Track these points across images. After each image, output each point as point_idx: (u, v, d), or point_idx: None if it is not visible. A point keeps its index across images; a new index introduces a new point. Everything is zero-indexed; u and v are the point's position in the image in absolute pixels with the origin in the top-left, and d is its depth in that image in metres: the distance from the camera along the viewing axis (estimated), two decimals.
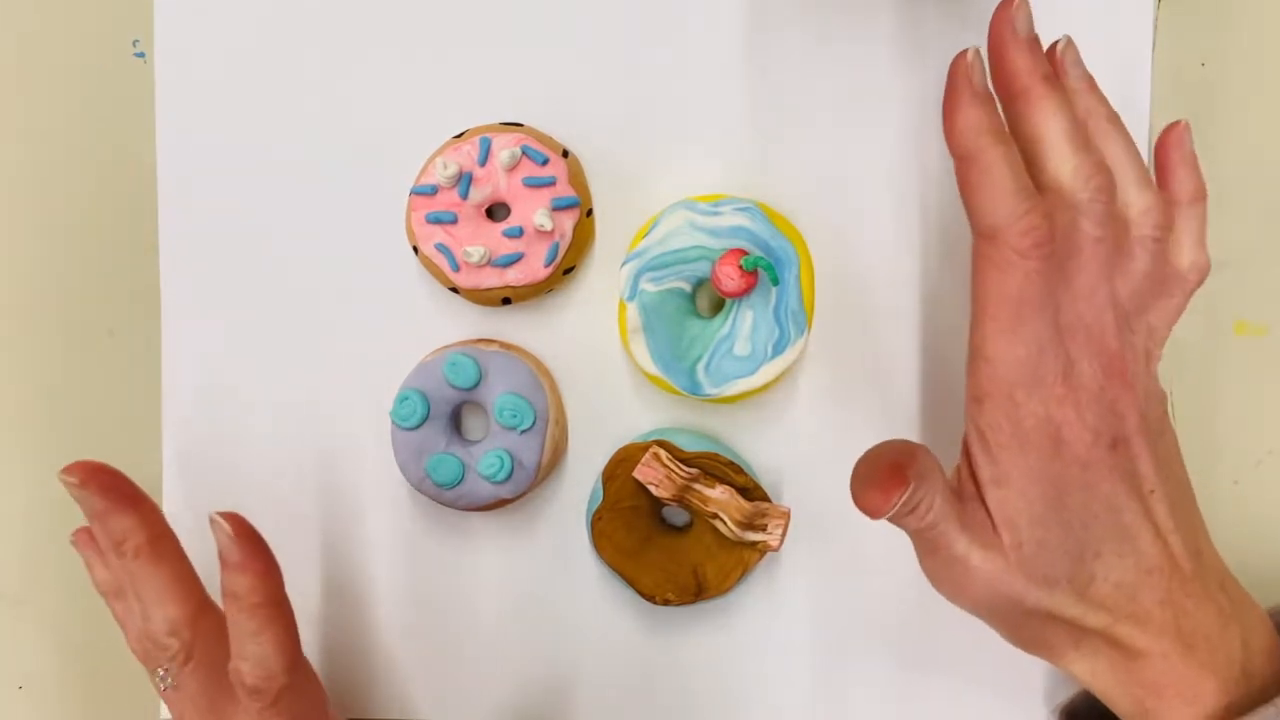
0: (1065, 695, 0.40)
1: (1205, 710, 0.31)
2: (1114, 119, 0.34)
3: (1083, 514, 0.31)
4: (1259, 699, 0.31)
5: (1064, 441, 0.31)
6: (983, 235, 0.31)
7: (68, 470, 0.37)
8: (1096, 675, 0.33)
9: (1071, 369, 0.31)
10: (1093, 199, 0.31)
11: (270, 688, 0.35)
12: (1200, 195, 0.34)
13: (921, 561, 0.33)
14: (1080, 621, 0.31)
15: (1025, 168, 0.31)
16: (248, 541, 0.36)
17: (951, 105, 0.32)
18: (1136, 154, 0.34)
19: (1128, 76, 0.41)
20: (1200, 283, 0.34)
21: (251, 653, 0.35)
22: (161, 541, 0.38)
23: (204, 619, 0.38)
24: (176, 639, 0.37)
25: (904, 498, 0.30)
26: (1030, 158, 0.32)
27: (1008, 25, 0.33)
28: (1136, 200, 0.33)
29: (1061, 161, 0.32)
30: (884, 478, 0.30)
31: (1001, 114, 0.33)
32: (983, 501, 0.32)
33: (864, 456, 0.32)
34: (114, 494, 0.37)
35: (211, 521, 0.36)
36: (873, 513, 0.31)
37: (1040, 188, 0.32)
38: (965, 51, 0.32)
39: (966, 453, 0.33)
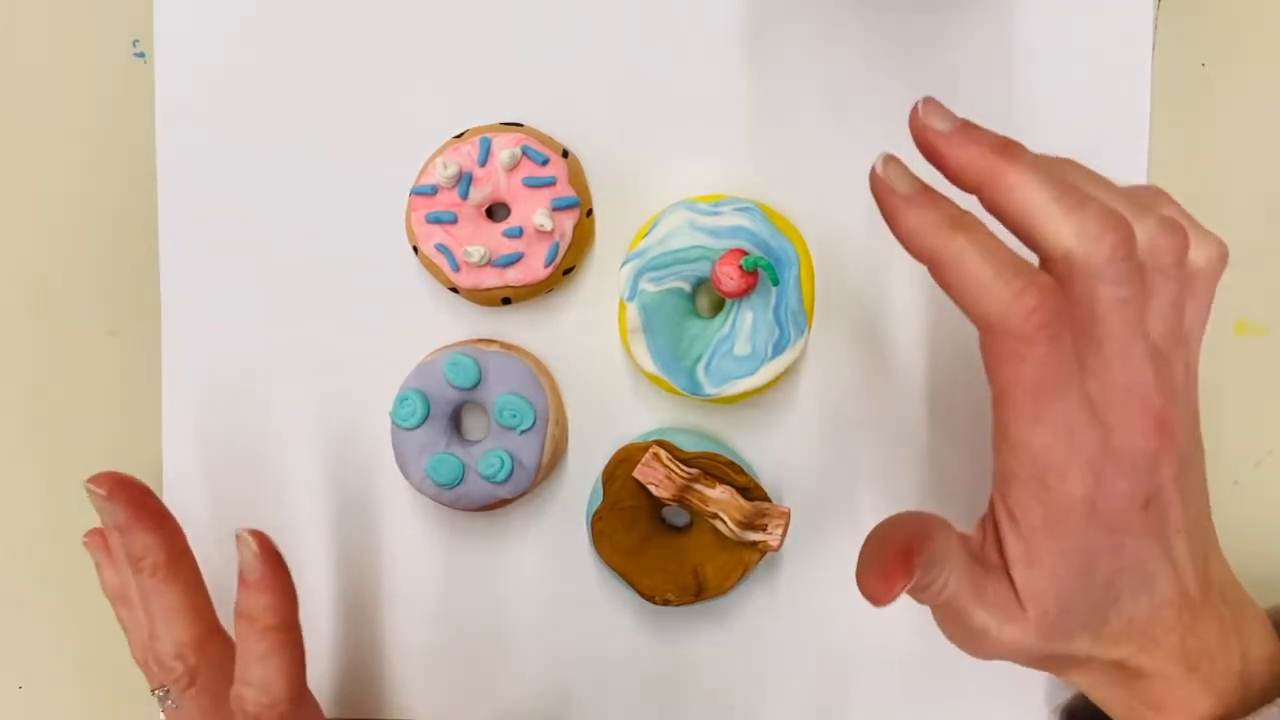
0: (1065, 695, 0.40)
1: None
2: (1073, 161, 0.32)
3: (1109, 573, 0.30)
4: (1257, 703, 0.31)
5: (1098, 513, 0.29)
6: (982, 329, 0.28)
7: (95, 481, 0.37)
8: (1095, 689, 0.33)
9: (1109, 438, 0.29)
10: (1110, 259, 0.28)
11: (270, 716, 0.35)
12: (1156, 191, 0.33)
13: (938, 624, 0.32)
14: (1094, 655, 0.31)
15: (1024, 240, 0.29)
16: (271, 562, 0.35)
17: (889, 219, 0.30)
18: (1117, 187, 0.31)
19: (1128, 76, 0.41)
20: (1223, 266, 0.31)
21: (256, 677, 0.35)
22: (180, 562, 0.38)
23: (212, 644, 0.38)
24: (182, 662, 0.37)
25: (909, 586, 0.28)
26: (1026, 236, 0.29)
27: (928, 131, 0.30)
28: (1142, 234, 0.29)
29: (1059, 228, 0.28)
30: (890, 564, 0.28)
31: (946, 199, 0.30)
32: (1008, 574, 0.30)
33: (873, 533, 0.30)
34: (140, 509, 0.37)
35: (237, 537, 0.36)
36: (874, 600, 0.28)
37: (1047, 262, 0.29)
38: (874, 166, 0.30)
39: (994, 526, 0.31)
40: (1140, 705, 0.32)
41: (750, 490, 0.39)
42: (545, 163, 0.40)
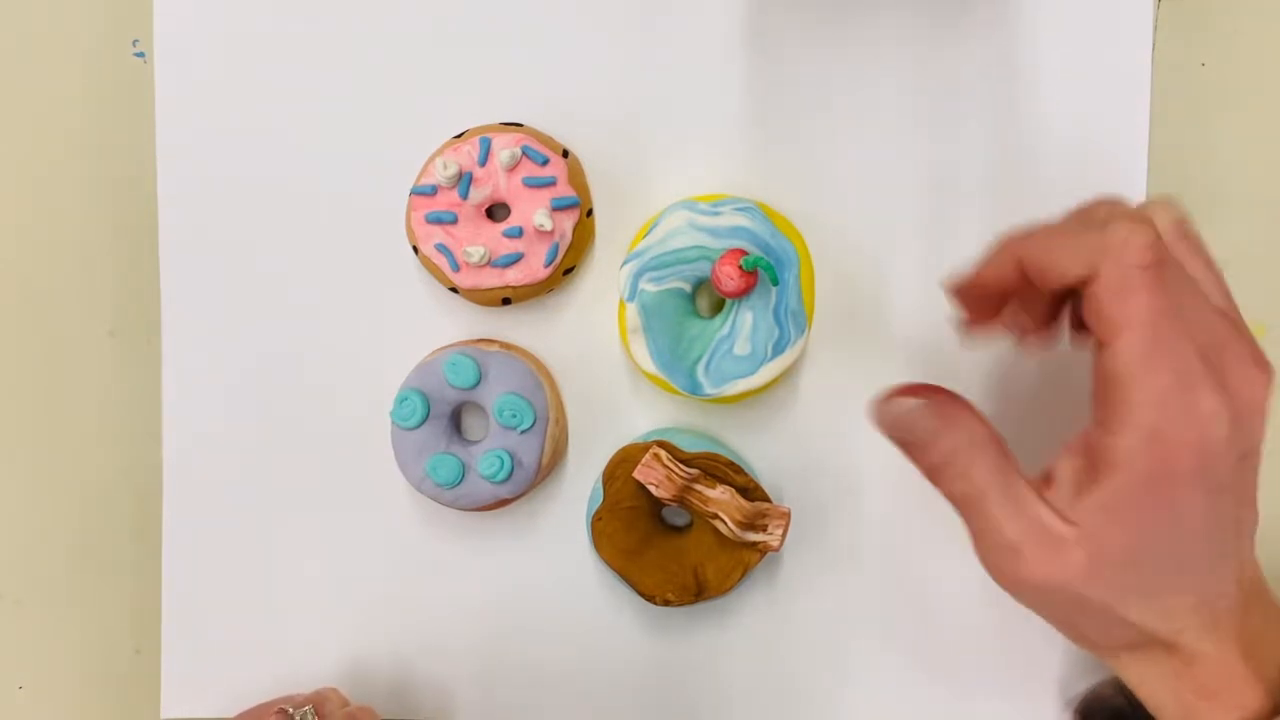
0: (1073, 692, 0.40)
1: (1250, 713, 0.30)
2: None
3: (1193, 536, 0.29)
4: None
5: (1207, 469, 0.28)
6: (1092, 276, 0.29)
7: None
8: (1146, 680, 0.32)
9: (1225, 381, 0.29)
10: (1146, 247, 0.29)
11: None
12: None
13: (973, 543, 0.31)
14: (1147, 627, 0.30)
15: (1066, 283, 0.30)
16: None
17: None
18: (1069, 218, 0.32)
19: (1128, 76, 0.41)
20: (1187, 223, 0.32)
21: None
22: None
23: None
24: None
25: (909, 412, 0.30)
26: (1058, 278, 0.31)
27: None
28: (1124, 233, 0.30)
29: (1089, 252, 0.30)
30: (908, 388, 0.30)
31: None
32: (1069, 506, 0.30)
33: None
34: None
35: None
36: (875, 413, 0.31)
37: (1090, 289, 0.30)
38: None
39: (1088, 462, 0.30)
40: (1192, 695, 0.31)
41: (750, 490, 0.39)
42: (545, 163, 0.40)
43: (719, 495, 0.38)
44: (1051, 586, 0.30)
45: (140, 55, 0.43)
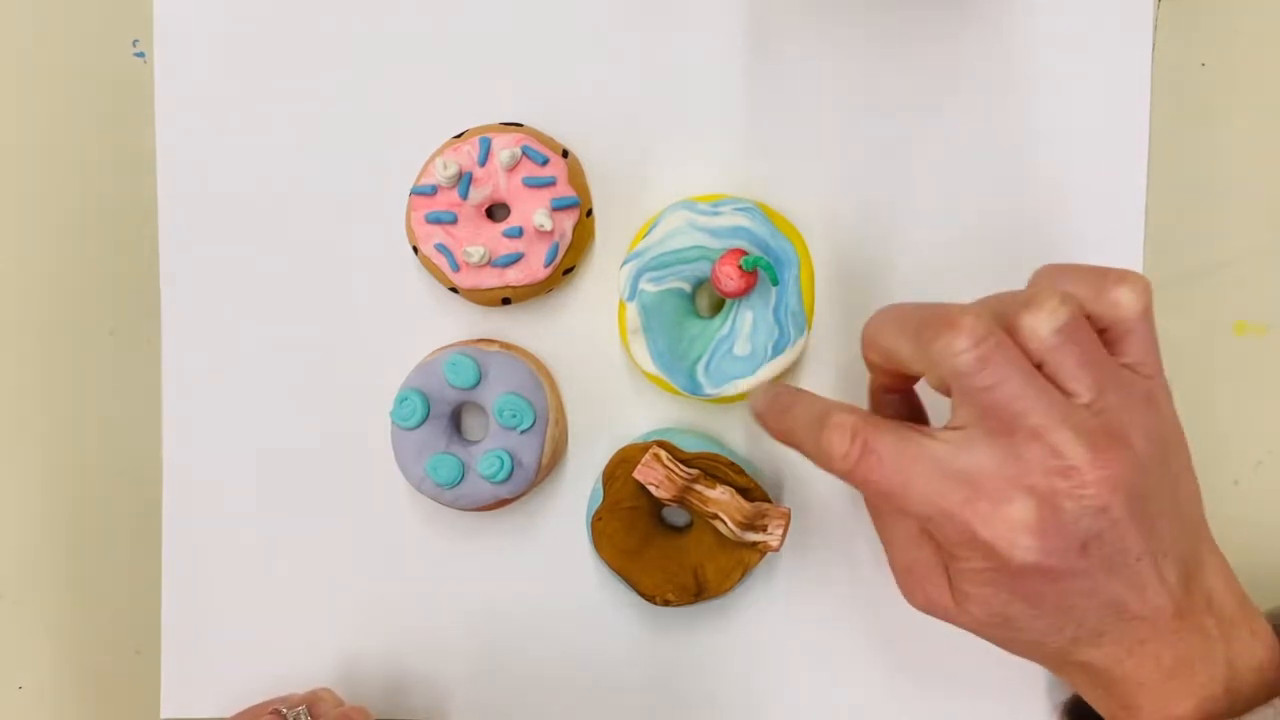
0: (1067, 693, 0.40)
1: None
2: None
3: (1060, 606, 0.30)
4: (1243, 708, 0.31)
5: (1022, 571, 0.29)
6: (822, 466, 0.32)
7: None
8: (1075, 685, 0.33)
9: (1048, 505, 0.29)
10: (956, 352, 0.29)
11: None
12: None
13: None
14: (1047, 652, 0.32)
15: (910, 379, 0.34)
16: None
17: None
18: (987, 300, 0.32)
19: (1128, 76, 0.41)
20: (1147, 298, 0.31)
21: None
22: None
23: None
24: None
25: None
26: (903, 376, 0.33)
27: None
28: (1009, 324, 0.30)
29: (913, 357, 0.31)
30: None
31: (782, 391, 0.34)
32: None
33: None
34: None
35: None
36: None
37: (935, 385, 0.32)
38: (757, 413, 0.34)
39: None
40: (1116, 707, 0.32)
41: (750, 491, 0.39)
42: (545, 163, 0.40)
43: (719, 495, 0.38)
44: (936, 614, 0.33)
45: (140, 55, 0.43)
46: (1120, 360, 0.31)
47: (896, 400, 0.35)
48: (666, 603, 0.40)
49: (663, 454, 0.39)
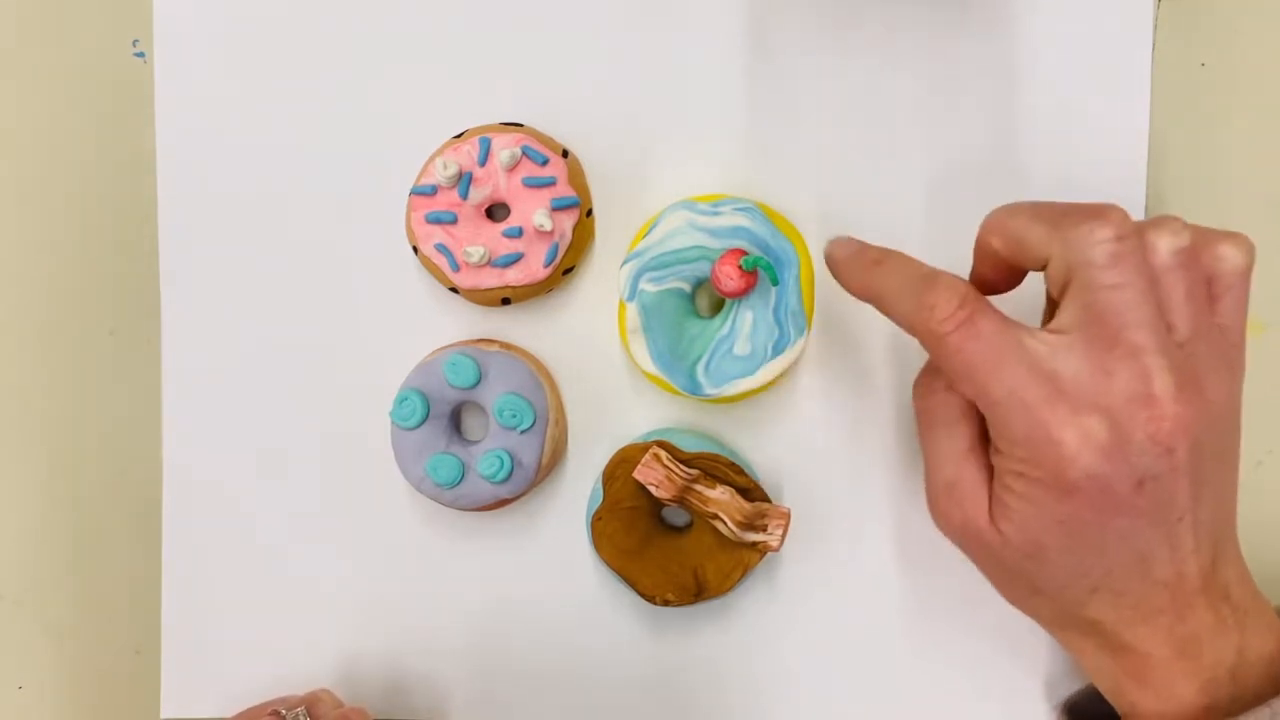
0: (1066, 692, 0.40)
1: (1180, 707, 0.31)
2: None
3: (1096, 544, 0.30)
4: (1251, 702, 0.31)
5: (1080, 491, 0.30)
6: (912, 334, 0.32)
7: None
8: (1085, 652, 0.33)
9: (1109, 422, 0.29)
10: (1095, 241, 0.30)
11: None
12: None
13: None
14: (1064, 606, 0.32)
15: (1023, 264, 0.33)
16: None
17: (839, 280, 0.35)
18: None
19: (1128, 76, 0.41)
20: (1249, 258, 0.32)
21: None
22: None
23: None
24: None
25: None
26: (1020, 258, 0.32)
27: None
28: (1137, 234, 0.31)
29: (1040, 235, 0.31)
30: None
31: (873, 248, 0.35)
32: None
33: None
34: None
35: None
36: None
37: (1048, 279, 0.32)
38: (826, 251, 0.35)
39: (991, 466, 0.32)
40: (1123, 676, 0.32)
41: (750, 491, 0.39)
42: (545, 163, 0.40)
43: (719, 495, 0.38)
44: (978, 546, 0.32)
45: (140, 55, 0.43)
46: (1214, 319, 0.31)
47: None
48: (666, 603, 0.40)
49: (663, 454, 0.39)
